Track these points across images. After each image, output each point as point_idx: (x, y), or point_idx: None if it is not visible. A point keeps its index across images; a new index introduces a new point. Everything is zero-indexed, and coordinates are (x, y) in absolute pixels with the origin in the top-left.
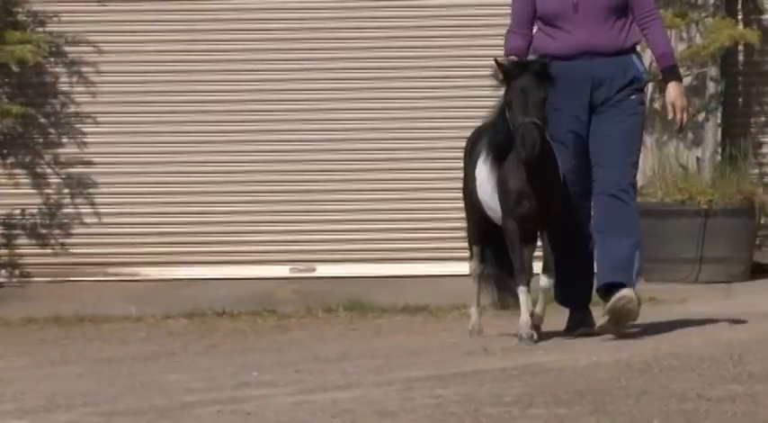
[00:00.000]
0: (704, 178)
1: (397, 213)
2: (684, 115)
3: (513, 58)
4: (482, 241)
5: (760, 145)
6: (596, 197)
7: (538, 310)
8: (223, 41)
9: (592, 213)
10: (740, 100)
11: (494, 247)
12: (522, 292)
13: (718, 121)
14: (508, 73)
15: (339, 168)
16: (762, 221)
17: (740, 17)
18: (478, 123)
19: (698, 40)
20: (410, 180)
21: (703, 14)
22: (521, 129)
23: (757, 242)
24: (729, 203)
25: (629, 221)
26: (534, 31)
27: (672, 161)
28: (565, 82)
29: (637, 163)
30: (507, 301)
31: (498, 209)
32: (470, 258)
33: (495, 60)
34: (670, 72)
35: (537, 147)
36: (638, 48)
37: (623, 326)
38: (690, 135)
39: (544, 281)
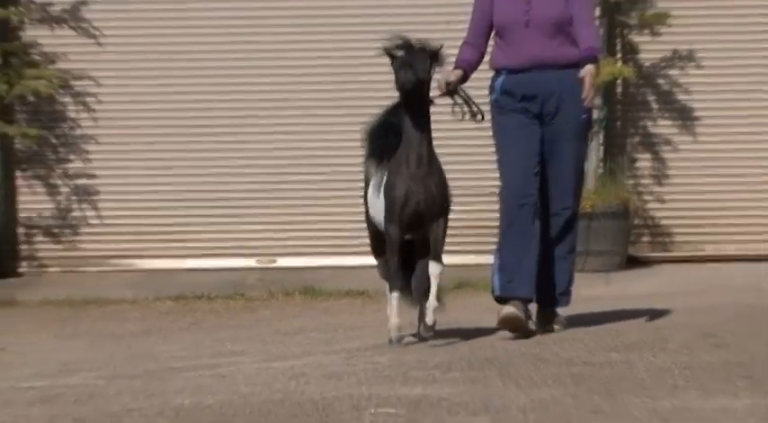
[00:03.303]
0: (588, 187)
1: (344, 216)
2: (591, 92)
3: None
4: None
5: (634, 161)
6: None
7: (431, 300)
8: (203, 69)
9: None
10: (618, 124)
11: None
12: (393, 297)
13: (601, 142)
14: (395, 54)
15: (302, 180)
16: (635, 222)
17: (619, 56)
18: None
19: None
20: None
21: None
22: (401, 61)
23: (631, 239)
24: (609, 208)
25: (572, 252)
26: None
27: None
28: (519, 93)
29: (582, 184)
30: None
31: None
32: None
33: (383, 47)
34: (592, 59)
35: (415, 78)
36: None
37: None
38: None
39: (433, 267)
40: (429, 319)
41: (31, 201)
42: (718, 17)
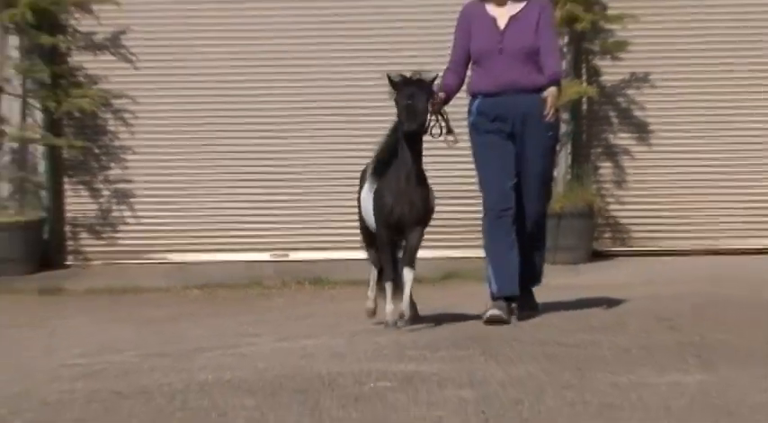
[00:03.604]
0: (558, 191)
1: (347, 215)
2: (552, 110)
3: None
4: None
5: (598, 168)
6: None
7: (405, 298)
8: (229, 85)
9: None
10: (584, 136)
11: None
12: (387, 286)
13: (569, 152)
14: (397, 85)
15: (311, 185)
16: (598, 221)
17: (584, 78)
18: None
19: None
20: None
21: None
22: (405, 102)
23: (595, 235)
24: (576, 208)
25: (542, 245)
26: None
27: None
28: (493, 114)
29: (551, 190)
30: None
31: (373, 221)
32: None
33: (387, 75)
34: (555, 83)
35: (416, 126)
36: None
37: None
38: None
39: (407, 272)
40: (406, 313)
41: (77, 202)
42: (670, 44)
